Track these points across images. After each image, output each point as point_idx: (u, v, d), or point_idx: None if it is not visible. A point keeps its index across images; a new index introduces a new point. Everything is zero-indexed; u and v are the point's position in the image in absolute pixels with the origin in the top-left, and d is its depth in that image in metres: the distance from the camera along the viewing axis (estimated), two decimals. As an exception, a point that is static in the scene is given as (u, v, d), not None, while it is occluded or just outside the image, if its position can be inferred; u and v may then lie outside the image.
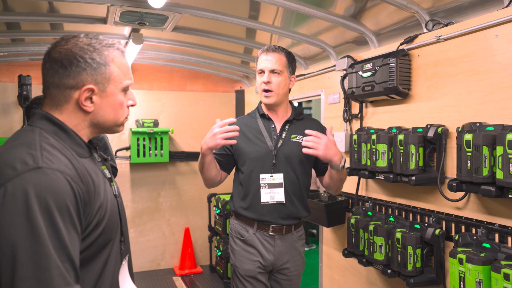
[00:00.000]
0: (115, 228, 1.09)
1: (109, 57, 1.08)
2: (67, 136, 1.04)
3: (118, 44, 1.12)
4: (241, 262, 2.05)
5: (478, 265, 1.67)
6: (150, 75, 4.62)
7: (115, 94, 1.10)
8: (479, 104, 1.88)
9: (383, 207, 2.50)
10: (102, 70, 1.06)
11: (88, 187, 0.98)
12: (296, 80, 3.51)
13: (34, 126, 1.02)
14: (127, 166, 4.50)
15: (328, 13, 2.51)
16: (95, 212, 1.00)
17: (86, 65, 1.04)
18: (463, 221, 1.96)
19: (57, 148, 0.98)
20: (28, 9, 2.73)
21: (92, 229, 0.99)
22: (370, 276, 2.63)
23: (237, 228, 2.09)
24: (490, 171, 1.66)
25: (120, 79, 1.10)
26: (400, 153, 2.11)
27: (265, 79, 1.99)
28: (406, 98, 2.31)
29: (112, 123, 1.12)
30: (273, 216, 2.00)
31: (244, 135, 2.07)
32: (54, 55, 1.04)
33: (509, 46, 1.73)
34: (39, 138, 0.97)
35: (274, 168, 2.01)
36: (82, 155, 1.05)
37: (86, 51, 1.04)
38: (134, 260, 4.54)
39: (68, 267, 0.88)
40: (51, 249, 0.85)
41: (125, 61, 1.14)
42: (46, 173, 0.90)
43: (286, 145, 2.04)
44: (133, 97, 1.18)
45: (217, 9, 2.70)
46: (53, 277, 0.84)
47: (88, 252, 1.00)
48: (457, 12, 2.06)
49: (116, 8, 2.49)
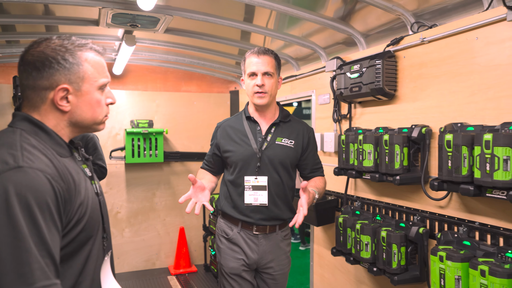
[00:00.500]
0: (96, 225, 1.13)
1: (82, 56, 1.11)
2: (47, 137, 1.07)
3: (91, 44, 1.15)
4: (226, 260, 2.08)
5: (457, 262, 1.70)
6: (145, 76, 4.66)
7: (91, 93, 1.13)
8: (460, 105, 1.92)
9: (371, 206, 2.53)
10: (75, 69, 1.09)
11: (68, 185, 1.01)
12: (288, 81, 3.57)
13: (15, 127, 1.05)
14: (122, 166, 4.54)
15: (318, 15, 2.55)
16: (75, 209, 1.03)
17: (58, 65, 1.06)
18: (445, 220, 2.00)
19: (38, 148, 1.01)
20: (24, 11, 2.76)
21: (73, 225, 1.02)
22: (358, 274, 2.67)
23: (222, 227, 2.13)
24: (469, 171, 1.70)
25: (95, 78, 1.13)
26: (386, 153, 2.15)
27: (259, 82, 2.01)
28: (393, 99, 2.35)
29: (91, 122, 1.16)
30: (255, 217, 2.04)
31: (230, 138, 2.11)
32: (27, 58, 1.07)
33: (489, 48, 1.77)
34: (20, 139, 1.00)
35: (258, 171, 2.04)
36: (62, 155, 1.08)
37: (58, 52, 1.07)
38: (129, 260, 4.59)
39: (48, 262, 0.91)
40: (31, 245, 0.89)
41: (100, 60, 1.16)
42: (26, 172, 0.93)
43: (271, 148, 2.07)
44: (112, 95, 1.21)
45: (212, 11, 2.74)
46: (33, 271, 0.88)
47: (69, 248, 1.03)
48: (441, 14, 2.10)
49: (107, 11, 2.53)
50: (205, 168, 2.24)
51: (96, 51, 1.15)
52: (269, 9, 2.52)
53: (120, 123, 4.52)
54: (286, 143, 2.09)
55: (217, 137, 2.18)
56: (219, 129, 2.19)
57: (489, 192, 1.63)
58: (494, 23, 1.74)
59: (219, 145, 2.14)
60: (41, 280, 0.89)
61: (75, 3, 2.45)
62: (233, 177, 2.08)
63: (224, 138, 2.13)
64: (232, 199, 2.07)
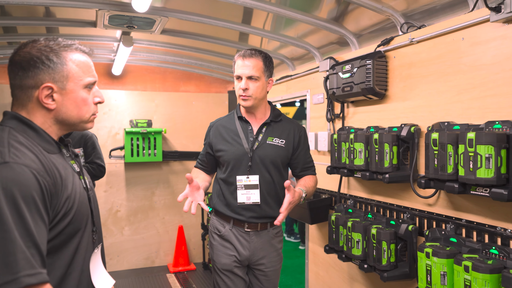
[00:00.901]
0: (85, 219, 1.18)
1: (67, 56, 1.15)
2: (35, 134, 1.12)
3: (78, 45, 1.19)
4: (218, 256, 2.13)
5: (443, 258, 1.74)
6: (144, 76, 4.71)
7: (76, 91, 1.17)
8: (448, 104, 1.95)
9: (363, 204, 2.57)
10: (59, 69, 1.13)
11: (54, 180, 1.06)
12: (284, 80, 3.61)
13: (4, 125, 1.11)
14: (121, 166, 4.59)
15: (311, 16, 2.58)
16: (62, 203, 1.08)
17: (43, 65, 1.11)
18: (434, 217, 2.03)
19: (25, 145, 1.06)
20: (25, 13, 2.82)
21: (60, 219, 1.07)
22: (351, 271, 2.71)
23: (215, 224, 2.17)
24: (454, 169, 1.73)
25: (80, 77, 1.17)
26: (376, 151, 2.18)
27: (242, 85, 2.04)
28: (383, 99, 2.39)
29: (77, 120, 1.20)
30: (247, 215, 2.08)
31: (222, 137, 2.15)
32: (15, 58, 1.12)
33: (474, 48, 1.81)
34: (8, 136, 1.06)
35: (250, 170, 2.08)
36: (50, 151, 1.13)
37: (43, 52, 1.12)
38: (129, 258, 4.64)
39: (34, 252, 0.96)
40: (17, 236, 0.94)
41: (86, 60, 1.20)
42: (12, 167, 0.98)
43: (262, 148, 2.10)
44: (100, 95, 1.25)
45: (211, 13, 2.78)
46: (18, 261, 0.92)
47: (58, 240, 1.08)
48: (430, 15, 2.14)
49: (104, 12, 2.58)
50: (199, 167, 2.29)
51: (81, 51, 1.20)
52: (266, 11, 2.56)
53: (119, 123, 4.57)
54: (277, 142, 2.13)
55: (210, 136, 2.22)
56: (212, 128, 2.23)
57: (473, 190, 1.67)
58: (479, 24, 1.77)
59: (211, 144, 2.19)
60: (26, 269, 0.93)
61: (72, 5, 2.50)
62: (225, 175, 2.12)
63: (217, 137, 2.17)
64: (225, 197, 2.12)
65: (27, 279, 0.93)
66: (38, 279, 0.95)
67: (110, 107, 4.53)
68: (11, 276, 0.92)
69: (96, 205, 1.28)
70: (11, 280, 0.91)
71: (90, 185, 1.27)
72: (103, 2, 2.52)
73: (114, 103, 4.55)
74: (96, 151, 3.26)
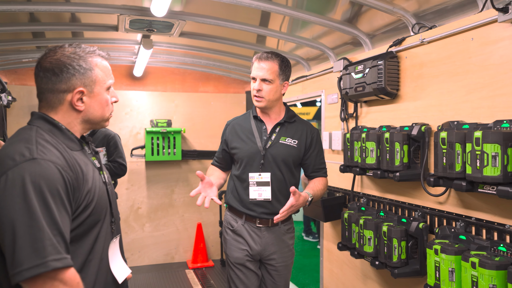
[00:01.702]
0: (104, 210, 1.28)
1: (93, 62, 1.28)
2: (60, 133, 1.24)
3: (98, 50, 1.32)
4: (231, 251, 2.22)
5: (451, 255, 1.77)
6: (164, 78, 4.85)
7: (101, 94, 1.30)
8: (457, 104, 1.97)
9: (376, 202, 2.61)
10: (88, 74, 1.26)
11: (76, 175, 1.17)
12: (300, 81, 3.66)
13: (32, 125, 1.22)
14: (142, 164, 4.75)
15: (326, 18, 2.64)
16: (83, 196, 1.18)
17: (74, 71, 1.23)
18: (444, 215, 2.05)
19: (51, 142, 1.17)
20: (53, 19, 2.98)
21: (81, 210, 1.18)
22: (364, 268, 2.75)
23: (228, 219, 2.26)
24: (462, 167, 1.76)
25: (104, 80, 1.30)
26: (387, 150, 2.22)
27: (256, 87, 2.14)
28: (395, 98, 2.42)
29: (100, 119, 1.33)
30: (259, 211, 2.17)
31: (237, 135, 2.25)
32: (45, 65, 1.23)
33: (483, 48, 1.83)
34: (36, 135, 1.17)
35: (262, 168, 2.16)
36: (73, 148, 1.24)
37: (73, 59, 1.24)
38: (149, 253, 4.79)
39: (59, 240, 1.06)
40: (44, 225, 1.04)
41: (106, 64, 1.33)
42: (40, 163, 1.09)
43: (275, 147, 2.18)
44: (115, 95, 1.38)
45: (229, 17, 2.87)
46: (46, 247, 1.03)
47: (79, 230, 1.19)
48: (441, 16, 2.16)
49: (125, 17, 2.71)
50: (215, 165, 2.38)
51: (102, 57, 1.32)
52: (282, 15, 2.64)
53: (140, 123, 4.73)
54: (290, 142, 2.20)
55: (226, 133, 2.32)
56: (228, 127, 2.33)
57: (480, 188, 1.69)
58: (488, 24, 1.79)
59: (227, 142, 2.28)
60: (52, 254, 1.03)
61: (96, 11, 2.63)
62: (239, 172, 2.21)
63: (232, 135, 2.27)
64: (238, 193, 2.20)
65: (54, 263, 1.03)
66: (64, 263, 1.05)
67: (132, 107, 4.69)
68: (40, 260, 1.02)
69: (114, 198, 1.39)
70: (40, 264, 1.02)
71: (109, 179, 1.38)
72: (124, 7, 2.64)
73: (136, 103, 4.70)
74: (118, 150, 3.40)
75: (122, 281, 1.37)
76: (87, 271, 1.22)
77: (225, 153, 2.32)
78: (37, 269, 1.01)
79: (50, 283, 1.04)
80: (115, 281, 1.33)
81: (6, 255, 1.03)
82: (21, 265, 1.01)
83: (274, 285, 2.25)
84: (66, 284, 1.07)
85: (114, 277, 1.33)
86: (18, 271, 1.01)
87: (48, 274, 1.03)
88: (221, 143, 2.35)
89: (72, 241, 1.15)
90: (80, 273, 1.17)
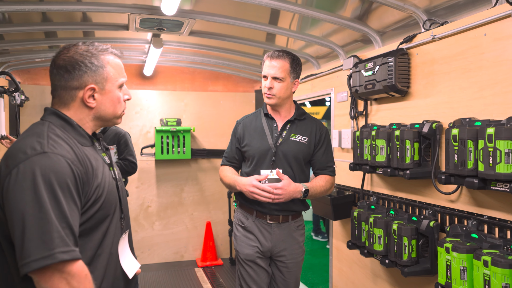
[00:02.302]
0: (113, 205, 1.29)
1: (105, 60, 1.29)
2: (71, 128, 1.25)
3: (111, 49, 1.33)
4: (241, 247, 2.23)
5: (463, 253, 1.75)
6: (173, 77, 4.88)
7: (113, 91, 1.31)
8: (469, 101, 1.95)
9: (386, 201, 2.59)
10: (100, 71, 1.27)
11: (86, 169, 1.18)
12: (309, 79, 3.65)
13: (44, 120, 1.24)
14: (152, 163, 4.78)
15: (336, 16, 2.63)
16: (93, 190, 1.20)
17: (87, 68, 1.25)
18: (456, 214, 2.03)
19: (62, 137, 1.19)
20: (65, 19, 3.02)
21: (91, 204, 1.19)
22: (374, 267, 2.73)
23: (239, 216, 2.27)
24: (474, 164, 1.73)
25: (116, 78, 1.31)
26: (397, 148, 2.20)
27: (267, 84, 2.17)
28: (406, 96, 2.40)
29: (112, 116, 1.34)
30: (270, 208, 2.17)
31: (248, 133, 2.26)
32: (59, 62, 1.25)
33: (496, 44, 1.80)
34: (47, 130, 1.19)
35: (273, 164, 2.17)
36: (84, 144, 1.26)
37: (86, 57, 1.25)
38: (159, 251, 4.82)
39: (67, 232, 1.07)
40: (53, 217, 1.06)
41: (119, 62, 1.34)
42: (50, 157, 1.11)
43: (286, 144, 2.20)
44: (128, 92, 1.39)
45: (239, 15, 2.87)
46: (54, 239, 1.04)
47: (89, 223, 1.20)
48: (452, 11, 2.14)
49: (135, 16, 2.73)
50: (227, 164, 2.36)
51: (115, 55, 1.33)
52: (292, 12, 2.64)
53: (150, 122, 4.76)
54: (300, 139, 2.22)
55: (238, 132, 2.32)
56: (240, 125, 2.34)
57: (493, 185, 1.67)
58: (501, 20, 1.76)
59: (239, 139, 2.29)
60: (60, 246, 1.05)
61: (106, 10, 2.66)
62: (250, 169, 2.22)
63: (244, 133, 2.28)
64: None
65: (61, 255, 1.05)
66: (71, 256, 1.07)
67: (142, 106, 4.73)
68: (48, 252, 1.03)
69: (124, 194, 1.40)
70: (48, 255, 1.03)
71: (119, 175, 1.39)
72: (134, 6, 2.66)
73: (146, 102, 4.74)
74: (129, 149, 3.43)
75: (132, 276, 1.38)
76: (96, 265, 1.24)
77: (238, 151, 2.32)
78: (44, 261, 1.03)
79: (58, 275, 1.06)
80: (124, 276, 1.34)
81: (16, 246, 1.05)
82: (29, 257, 1.02)
83: (285, 282, 2.25)
84: (74, 276, 1.08)
85: (123, 272, 1.34)
86: (26, 262, 1.02)
87: (56, 266, 1.05)
88: (232, 142, 2.35)
89: (82, 235, 1.17)
90: (89, 266, 1.18)
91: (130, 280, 1.38)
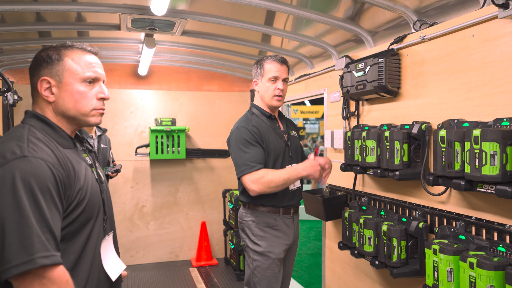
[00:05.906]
0: (97, 208, 1.28)
1: (66, 53, 1.26)
2: (52, 131, 1.24)
3: (83, 45, 1.29)
4: (273, 247, 2.31)
5: (449, 255, 1.74)
6: (168, 76, 4.87)
7: (73, 84, 1.25)
8: (458, 102, 1.94)
9: (377, 201, 2.58)
10: (55, 64, 1.24)
11: (68, 172, 1.17)
12: (303, 79, 3.65)
13: (25, 123, 1.23)
14: (147, 163, 4.77)
15: (328, 16, 2.62)
16: (75, 194, 1.18)
17: (42, 61, 1.24)
18: (445, 215, 2.03)
19: (42, 140, 1.18)
20: (59, 19, 3.01)
21: (73, 208, 1.18)
22: (365, 268, 2.72)
23: (264, 219, 2.32)
24: (461, 166, 1.73)
25: (78, 72, 1.25)
26: (387, 149, 2.19)
27: (280, 86, 2.35)
28: (397, 96, 2.39)
29: (76, 112, 1.27)
30: (294, 200, 2.40)
31: (265, 134, 2.33)
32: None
33: (484, 45, 1.79)
34: (28, 133, 1.17)
35: (291, 160, 2.40)
36: (65, 146, 1.24)
37: (48, 52, 1.25)
38: (154, 251, 4.82)
39: (48, 237, 1.06)
40: (33, 222, 1.04)
41: (88, 58, 1.29)
42: (30, 161, 1.09)
43: (291, 140, 2.46)
44: (103, 91, 1.31)
45: (235, 16, 2.86)
46: (34, 244, 1.03)
47: (71, 227, 1.19)
48: (442, 12, 2.13)
49: (126, 16, 2.72)
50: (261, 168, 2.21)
51: (83, 49, 1.29)
52: (285, 13, 2.65)
53: (145, 121, 4.75)
54: (295, 134, 2.51)
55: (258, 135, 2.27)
56: (256, 129, 2.28)
57: (479, 187, 1.66)
58: (488, 21, 1.76)
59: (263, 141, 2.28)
60: (41, 251, 1.04)
61: (97, 10, 2.65)
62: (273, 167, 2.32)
63: (262, 135, 2.30)
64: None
65: (42, 260, 1.03)
66: (52, 261, 1.06)
67: (137, 106, 4.72)
68: (28, 257, 1.02)
69: (108, 196, 1.39)
70: (28, 260, 1.02)
71: (103, 177, 1.38)
72: (125, 6, 2.65)
73: (140, 102, 4.73)
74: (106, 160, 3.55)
75: (116, 279, 1.37)
76: (80, 269, 1.23)
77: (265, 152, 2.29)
78: (24, 266, 1.01)
79: (39, 280, 1.04)
80: (108, 278, 1.34)
81: None
82: (9, 262, 1.01)
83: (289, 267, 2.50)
84: (55, 282, 1.07)
85: (107, 274, 1.33)
86: (7, 268, 1.01)
87: (36, 271, 1.04)
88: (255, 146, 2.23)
89: (64, 239, 1.16)
90: (72, 271, 1.17)
91: (114, 283, 1.37)
